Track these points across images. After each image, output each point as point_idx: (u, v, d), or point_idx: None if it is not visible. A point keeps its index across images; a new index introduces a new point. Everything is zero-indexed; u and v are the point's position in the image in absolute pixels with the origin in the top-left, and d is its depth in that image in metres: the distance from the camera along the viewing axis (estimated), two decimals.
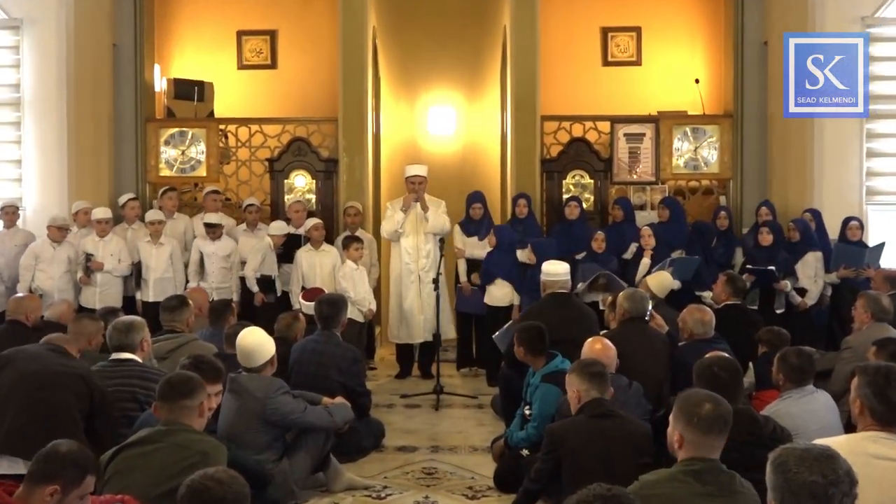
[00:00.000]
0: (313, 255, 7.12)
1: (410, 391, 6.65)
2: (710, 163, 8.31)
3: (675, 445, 2.65)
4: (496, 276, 6.97)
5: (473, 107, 9.49)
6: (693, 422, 2.61)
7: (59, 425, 3.53)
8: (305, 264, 7.10)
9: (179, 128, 8.38)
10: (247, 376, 4.14)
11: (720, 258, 7.13)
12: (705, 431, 2.60)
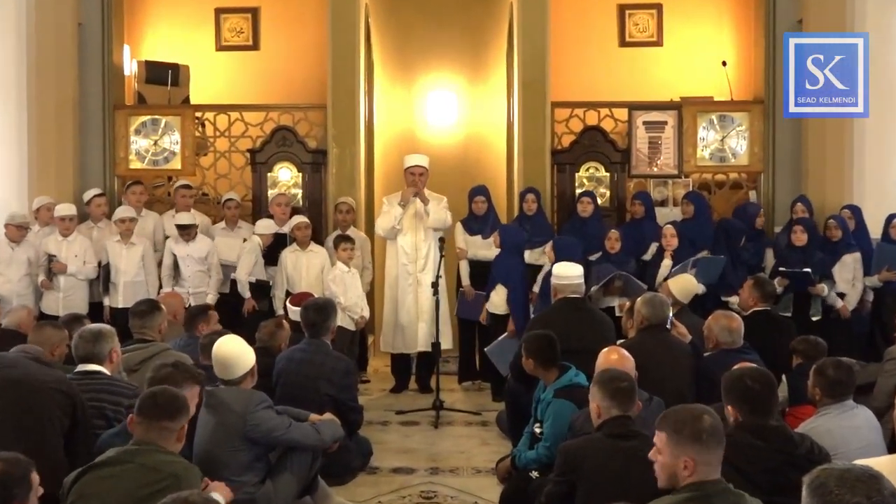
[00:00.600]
0: (299, 256, 7.13)
1: (407, 407, 6.64)
2: (738, 154, 8.30)
3: (685, 473, 2.65)
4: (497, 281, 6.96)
5: (476, 92, 9.49)
6: (703, 439, 2.65)
7: (41, 438, 3.53)
8: (291, 266, 7.10)
9: (151, 115, 8.37)
10: (225, 389, 4.14)
11: (749, 259, 7.12)
12: (715, 446, 2.67)
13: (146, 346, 4.72)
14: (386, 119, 9.37)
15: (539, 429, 4.52)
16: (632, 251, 7.14)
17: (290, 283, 7.10)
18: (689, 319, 5.44)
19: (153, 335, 4.82)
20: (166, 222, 7.70)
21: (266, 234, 7.12)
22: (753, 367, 3.61)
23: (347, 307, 6.73)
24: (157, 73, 8.74)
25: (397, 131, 9.41)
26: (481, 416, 6.45)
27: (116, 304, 7.06)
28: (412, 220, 7.26)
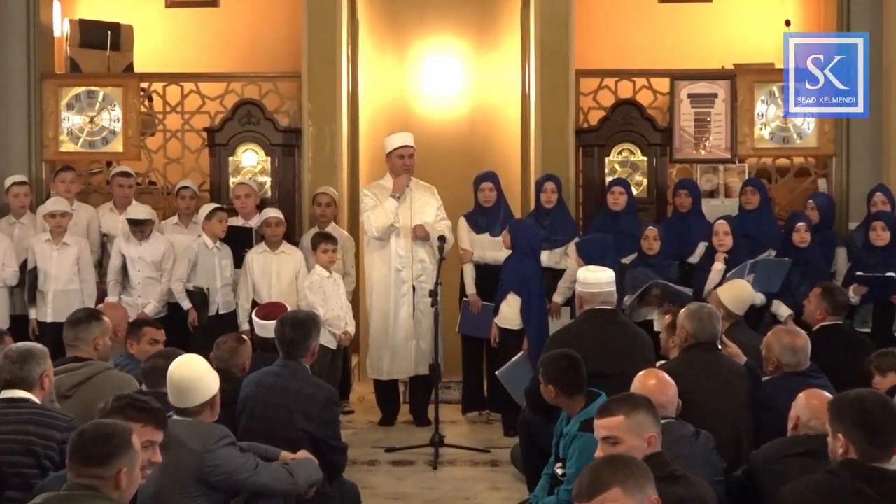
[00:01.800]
0: (269, 258, 7.14)
1: (400, 443, 6.66)
2: (805, 134, 8.32)
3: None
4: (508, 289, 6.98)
5: (485, 58, 9.50)
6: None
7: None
8: (258, 271, 7.12)
9: (87, 86, 8.39)
10: (179, 422, 4.14)
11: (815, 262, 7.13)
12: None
13: (82, 365, 4.71)
14: (373, 91, 9.38)
15: (561, 469, 4.53)
16: (674, 253, 7.16)
17: (256, 292, 7.11)
18: (745, 336, 5.46)
19: (89, 352, 4.82)
20: (104, 217, 7.72)
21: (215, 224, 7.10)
22: (873, 392, 3.62)
23: (328, 321, 6.75)
24: (93, 34, 8.76)
25: (387, 106, 9.42)
26: (490, 454, 6.47)
27: (45, 317, 7.07)
28: (407, 215, 7.28)
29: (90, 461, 3.04)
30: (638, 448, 3.52)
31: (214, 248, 7.15)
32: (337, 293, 6.98)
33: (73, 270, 7.15)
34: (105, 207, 7.85)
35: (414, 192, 7.36)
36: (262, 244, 7.22)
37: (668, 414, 4.16)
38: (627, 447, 3.50)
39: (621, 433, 3.52)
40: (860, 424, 3.23)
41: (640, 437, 3.54)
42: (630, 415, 3.55)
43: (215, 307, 7.14)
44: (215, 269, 7.13)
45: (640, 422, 3.56)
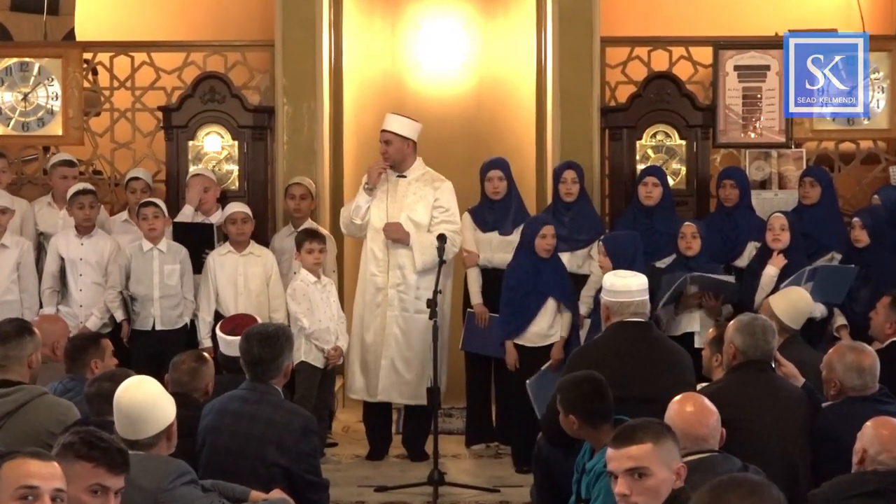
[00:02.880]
0: (235, 261, 7.17)
1: (392, 481, 6.68)
2: (875, 114, 8.36)
3: None
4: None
5: (493, 24, 9.53)
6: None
7: None
8: (222, 276, 7.14)
9: (19, 57, 8.42)
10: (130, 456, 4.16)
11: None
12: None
13: (11, 391, 4.71)
14: (360, 64, 9.40)
15: None
16: (719, 255, 7.17)
17: (220, 301, 7.14)
18: (803, 354, 5.47)
19: (20, 373, 4.82)
20: (42, 212, 7.76)
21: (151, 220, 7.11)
22: None
23: (314, 333, 6.78)
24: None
25: (377, 81, 9.44)
26: (500, 493, 6.49)
27: None
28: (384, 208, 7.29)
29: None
30: (667, 480, 3.52)
31: (156, 250, 7.15)
32: (326, 301, 7.02)
33: (12, 278, 7.18)
34: (42, 202, 7.88)
35: (407, 182, 7.37)
36: (227, 244, 7.23)
37: (711, 447, 4.16)
38: (657, 481, 3.51)
39: (651, 463, 3.52)
40: None
41: (670, 469, 3.55)
42: (658, 442, 3.55)
43: (151, 320, 7.14)
44: (153, 276, 7.14)
45: (669, 450, 3.58)
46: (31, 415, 4.55)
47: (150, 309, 7.13)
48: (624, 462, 3.53)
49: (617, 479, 3.55)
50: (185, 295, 7.21)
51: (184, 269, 7.20)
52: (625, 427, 3.67)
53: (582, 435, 4.70)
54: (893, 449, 3.72)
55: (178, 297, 7.18)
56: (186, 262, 7.23)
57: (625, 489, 3.50)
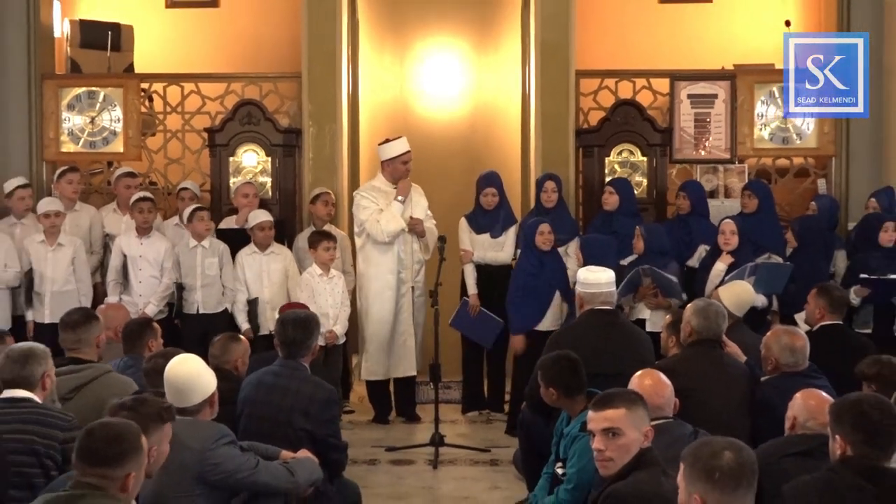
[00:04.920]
0: (259, 259, 7.21)
1: (400, 442, 6.69)
2: (805, 135, 8.34)
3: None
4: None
5: (485, 58, 9.52)
6: (714, 477, 2.74)
7: None
8: (250, 272, 7.18)
9: (87, 87, 8.41)
10: (178, 421, 4.16)
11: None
12: (733, 488, 2.74)
13: (82, 368, 4.72)
14: (373, 91, 9.39)
15: (561, 469, 4.54)
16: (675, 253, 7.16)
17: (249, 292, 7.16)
18: (744, 337, 5.46)
19: (89, 354, 4.83)
20: (107, 218, 7.75)
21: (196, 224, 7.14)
22: (872, 395, 3.66)
23: None
24: (94, 34, 8.78)
25: (387, 106, 9.44)
26: (490, 453, 6.49)
27: (42, 318, 7.07)
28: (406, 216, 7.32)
29: (100, 462, 3.05)
30: (637, 440, 3.56)
31: (200, 247, 7.15)
32: (330, 291, 7.02)
33: (69, 271, 7.15)
34: (108, 208, 7.88)
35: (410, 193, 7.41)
36: (251, 246, 7.22)
37: (666, 414, 4.18)
38: (628, 440, 3.54)
39: (623, 425, 3.54)
40: (859, 428, 3.27)
41: (639, 431, 3.57)
42: (631, 408, 3.59)
43: (195, 306, 7.15)
44: (196, 268, 7.14)
45: (640, 415, 3.61)
46: (97, 388, 4.56)
47: (195, 295, 7.14)
48: (601, 423, 3.56)
49: (595, 437, 3.58)
50: (224, 283, 7.20)
51: (222, 262, 7.19)
52: (604, 394, 3.70)
53: (560, 405, 4.71)
54: (819, 416, 3.72)
55: (216, 285, 7.17)
56: (226, 256, 7.21)
57: (600, 445, 3.54)
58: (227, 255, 7.22)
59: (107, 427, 3.13)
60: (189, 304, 7.15)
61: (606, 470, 3.57)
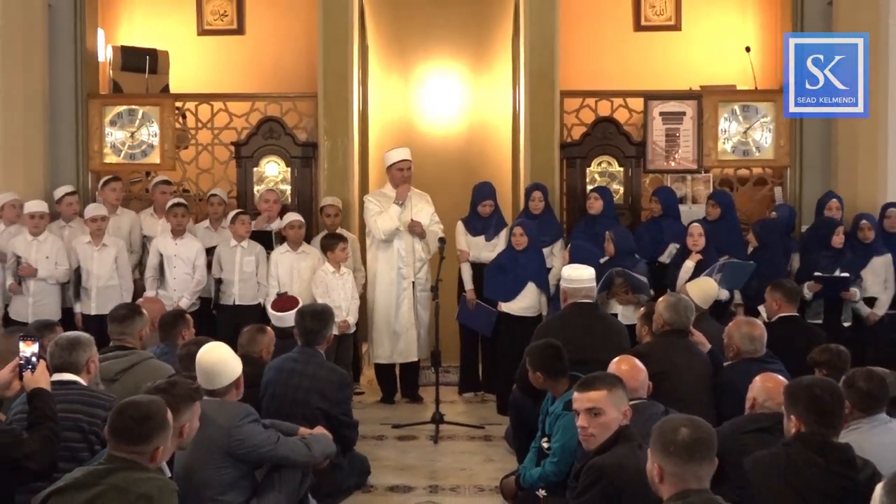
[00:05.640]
0: (291, 257, 7.18)
1: (404, 420, 6.68)
2: (763, 147, 8.33)
3: (656, 479, 2.82)
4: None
5: (479, 80, 9.52)
6: (670, 450, 2.78)
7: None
8: (283, 268, 7.15)
9: (128, 105, 8.41)
10: (208, 402, 4.16)
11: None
12: (686, 459, 2.76)
13: (126, 354, 4.73)
14: (381, 109, 9.39)
15: (547, 444, 4.55)
16: (648, 252, 7.16)
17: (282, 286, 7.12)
18: (710, 327, 5.47)
19: (133, 342, 4.84)
20: (145, 221, 7.75)
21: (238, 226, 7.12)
22: (823, 378, 3.66)
23: None
24: (133, 59, 8.78)
25: (393, 122, 9.44)
26: (485, 429, 6.49)
27: (88, 310, 7.08)
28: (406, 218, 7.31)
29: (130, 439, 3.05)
30: (616, 419, 3.56)
31: (240, 247, 7.16)
32: (342, 287, 7.01)
33: (113, 268, 7.14)
34: (146, 213, 7.88)
35: (412, 198, 7.39)
36: (285, 244, 7.22)
37: (640, 395, 4.18)
38: (608, 418, 3.55)
39: (604, 405, 3.55)
40: (812, 409, 3.28)
41: (619, 410, 3.58)
42: (611, 390, 3.60)
43: (232, 298, 7.14)
44: (235, 264, 7.13)
45: (619, 396, 3.61)
46: (139, 372, 4.58)
47: (232, 289, 7.13)
48: (585, 403, 3.57)
49: (579, 415, 3.58)
50: (258, 280, 7.19)
51: (258, 260, 7.18)
52: (588, 377, 3.71)
53: (545, 387, 4.72)
54: (776, 397, 3.72)
55: (252, 281, 7.16)
56: (261, 255, 7.21)
57: (584, 423, 3.55)
58: (263, 254, 7.22)
59: (135, 406, 3.13)
60: (226, 296, 7.15)
61: (589, 444, 3.58)
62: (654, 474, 2.83)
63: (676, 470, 2.77)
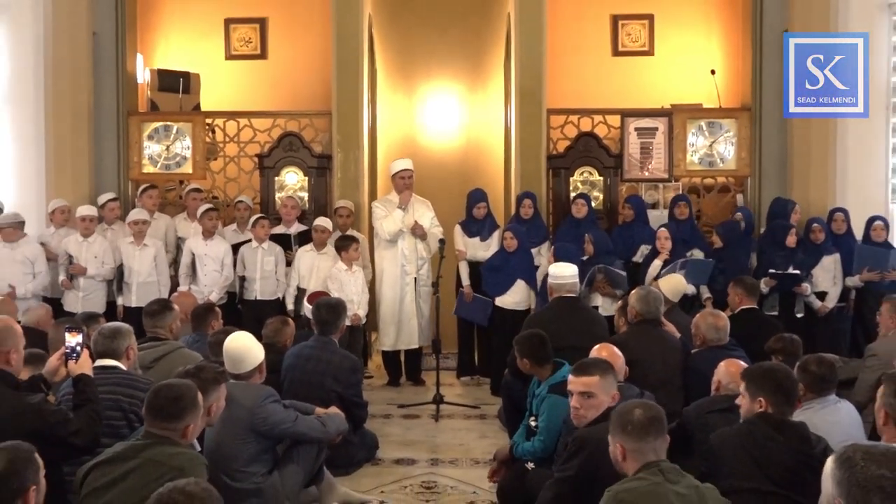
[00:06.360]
0: (315, 256, 7.18)
1: (408, 401, 6.67)
2: (726, 159, 8.32)
3: (620, 459, 2.83)
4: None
5: (476, 98, 9.51)
6: (627, 429, 2.79)
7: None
8: (305, 265, 7.15)
9: (164, 122, 8.40)
10: (234, 384, 4.15)
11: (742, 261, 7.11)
12: (641, 436, 2.77)
13: (159, 344, 4.72)
14: (388, 124, 9.38)
15: (534, 422, 4.54)
16: (622, 253, 7.16)
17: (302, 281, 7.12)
18: (678, 318, 5.47)
19: (165, 334, 4.84)
20: (179, 224, 7.74)
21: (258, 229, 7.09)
22: (780, 364, 3.65)
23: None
24: (168, 81, 8.77)
25: (399, 137, 9.43)
26: (479, 409, 6.48)
27: (130, 303, 7.07)
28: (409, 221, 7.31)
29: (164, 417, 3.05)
30: (605, 401, 3.56)
31: (261, 248, 7.14)
32: (354, 283, 6.98)
33: (152, 266, 7.14)
34: (180, 217, 7.87)
35: (414, 204, 7.39)
36: (310, 245, 7.20)
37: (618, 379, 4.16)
38: (599, 401, 3.54)
39: (596, 389, 3.55)
40: (771, 390, 3.28)
41: (608, 394, 3.58)
42: (603, 376, 3.59)
43: (254, 294, 7.12)
44: (256, 264, 7.12)
45: (610, 382, 3.61)
46: (171, 359, 4.57)
47: (254, 286, 7.12)
48: (579, 386, 3.57)
49: (573, 396, 3.58)
50: (278, 277, 7.17)
51: (277, 260, 7.17)
52: (583, 362, 3.71)
53: (532, 372, 4.70)
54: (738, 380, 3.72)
55: (272, 279, 7.14)
56: (281, 255, 7.19)
57: (577, 404, 3.56)
58: (282, 255, 7.21)
59: (169, 388, 3.14)
60: (249, 292, 7.14)
61: (580, 422, 3.58)
62: (616, 454, 2.84)
63: (636, 446, 2.78)
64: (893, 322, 4.90)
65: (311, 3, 9.19)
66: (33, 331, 5.08)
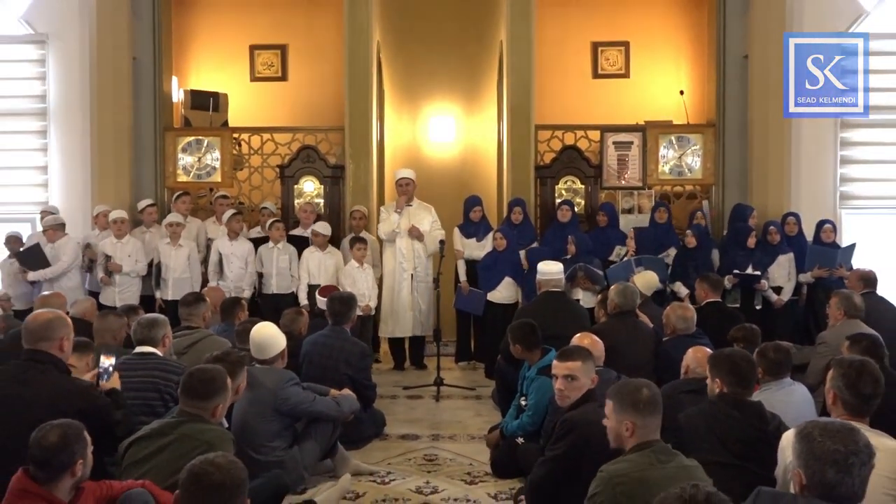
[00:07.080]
0: (319, 256, 7.16)
1: (412, 383, 6.66)
2: (693, 169, 8.32)
3: (626, 435, 2.74)
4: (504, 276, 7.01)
5: (472, 117, 9.50)
6: (640, 407, 2.73)
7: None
8: (313, 265, 7.13)
9: (196, 136, 8.39)
10: (259, 368, 4.16)
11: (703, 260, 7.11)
12: (651, 412, 2.74)
13: (192, 332, 4.73)
14: (394, 139, 9.38)
15: (524, 401, 4.55)
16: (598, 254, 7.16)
17: (311, 278, 7.11)
18: (651, 310, 5.47)
19: (198, 323, 4.84)
20: (209, 226, 7.73)
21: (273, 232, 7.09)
22: (740, 350, 3.65)
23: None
24: (200, 100, 8.76)
25: (404, 149, 9.42)
26: (475, 391, 6.46)
27: (166, 296, 7.05)
28: (407, 225, 7.30)
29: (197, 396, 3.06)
30: (586, 384, 3.57)
31: (276, 248, 7.12)
32: (364, 279, 6.98)
33: (186, 264, 7.11)
34: (209, 221, 7.85)
35: (415, 208, 7.39)
36: (313, 246, 7.20)
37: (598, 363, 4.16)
38: (580, 384, 3.55)
39: (578, 373, 3.55)
40: (731, 372, 3.28)
41: (588, 377, 3.58)
42: (584, 361, 3.59)
43: (271, 288, 7.11)
44: (273, 262, 7.11)
45: (590, 367, 3.61)
46: (203, 346, 4.58)
47: (271, 281, 7.11)
48: (563, 370, 3.57)
49: (557, 379, 3.58)
50: (292, 274, 7.16)
51: (291, 258, 7.15)
52: (567, 348, 3.71)
53: (523, 357, 4.71)
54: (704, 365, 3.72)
55: (286, 275, 7.13)
56: (293, 254, 7.17)
57: (561, 386, 3.55)
58: (295, 254, 7.19)
59: (202, 371, 3.15)
60: (267, 287, 7.12)
61: (563, 403, 3.58)
62: (622, 430, 2.74)
63: (645, 422, 2.73)
64: (840, 313, 4.90)
65: (327, 32, 9.18)
66: (80, 321, 5.07)
